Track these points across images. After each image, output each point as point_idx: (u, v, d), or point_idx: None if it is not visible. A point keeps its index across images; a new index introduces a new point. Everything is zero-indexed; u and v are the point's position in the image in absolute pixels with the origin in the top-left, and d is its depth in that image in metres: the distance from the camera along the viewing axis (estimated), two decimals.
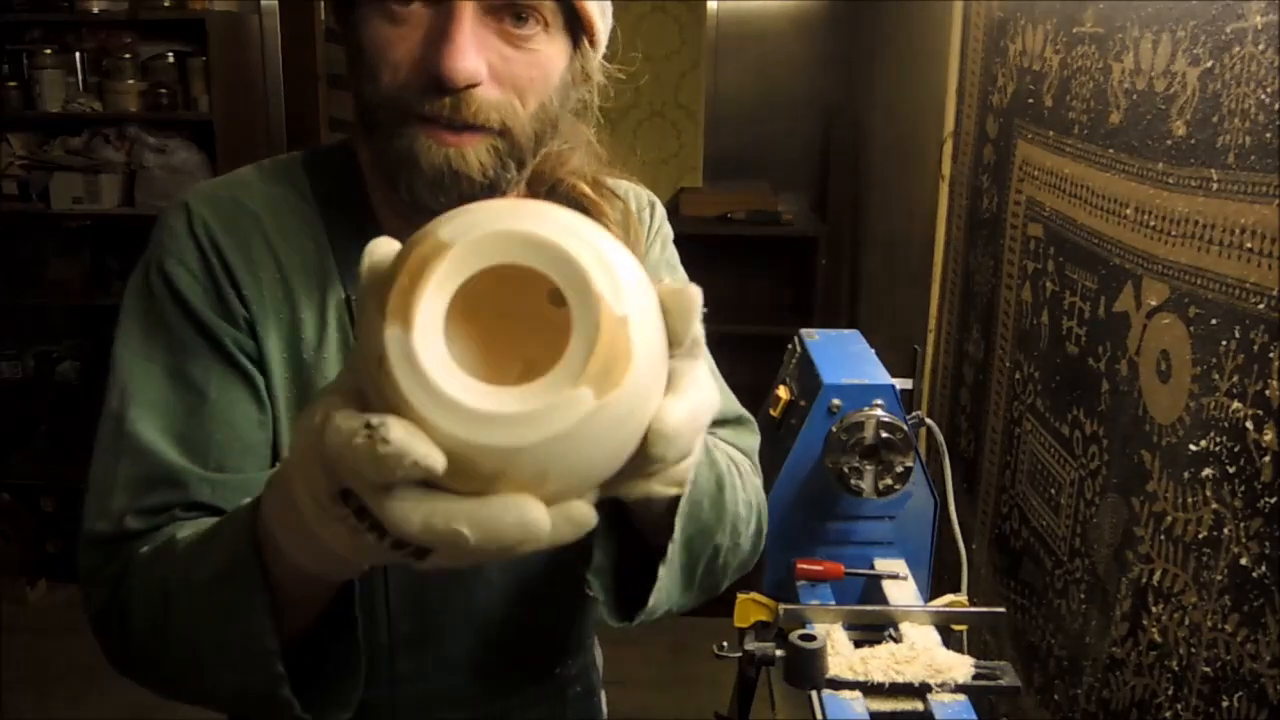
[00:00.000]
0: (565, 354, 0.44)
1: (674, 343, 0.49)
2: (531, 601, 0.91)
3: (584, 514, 0.47)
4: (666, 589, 0.80)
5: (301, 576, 0.61)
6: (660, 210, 0.99)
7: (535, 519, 0.45)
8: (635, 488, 0.50)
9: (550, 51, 0.76)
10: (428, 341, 0.44)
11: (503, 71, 0.74)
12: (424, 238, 0.47)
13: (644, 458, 0.47)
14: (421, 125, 0.74)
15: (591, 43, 0.80)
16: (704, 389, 0.50)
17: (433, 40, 0.72)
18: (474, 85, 0.72)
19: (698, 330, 0.50)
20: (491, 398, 0.44)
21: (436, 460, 0.43)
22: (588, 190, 0.89)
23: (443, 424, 0.44)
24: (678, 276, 0.97)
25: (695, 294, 0.50)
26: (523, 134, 0.76)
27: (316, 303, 0.82)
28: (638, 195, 0.97)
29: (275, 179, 0.85)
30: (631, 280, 0.47)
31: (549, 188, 0.88)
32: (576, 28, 0.78)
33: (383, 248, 0.50)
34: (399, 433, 0.43)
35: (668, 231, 0.99)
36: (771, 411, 1.23)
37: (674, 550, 0.74)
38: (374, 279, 0.49)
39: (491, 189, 0.76)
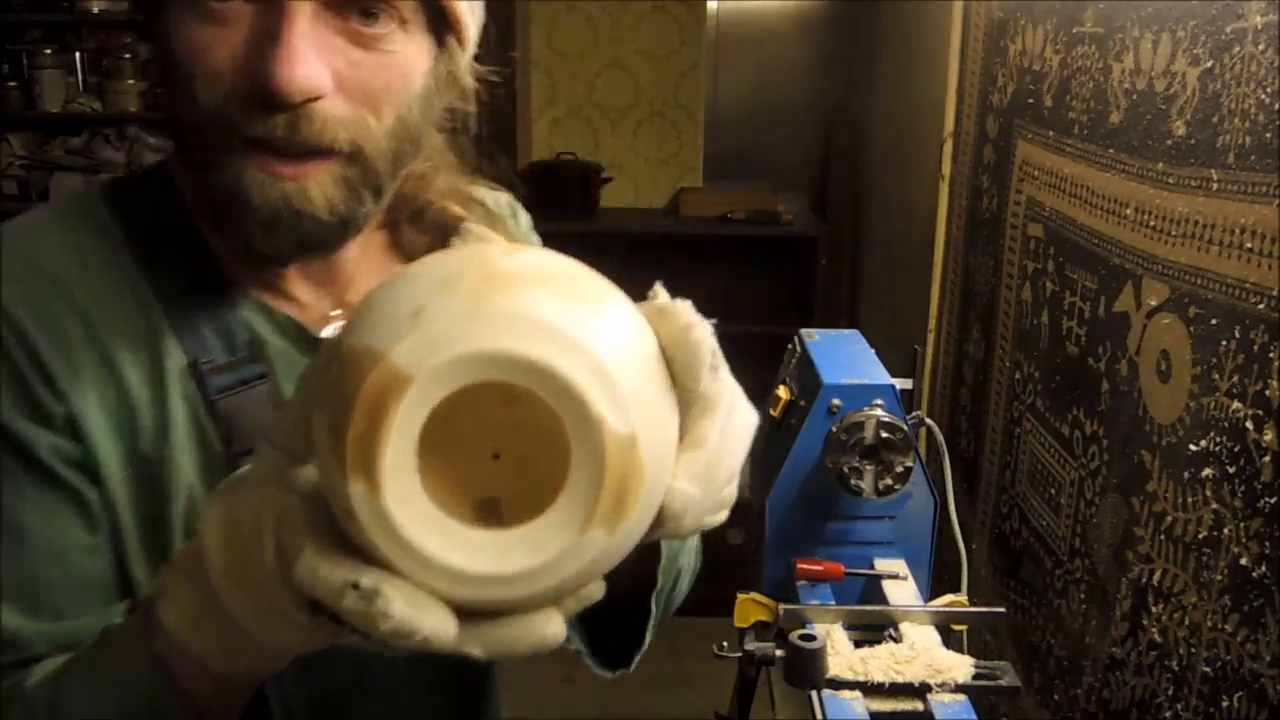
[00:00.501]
0: (567, 488, 0.38)
1: (684, 392, 0.43)
2: (443, 671, 0.82)
3: (594, 592, 0.42)
4: (651, 630, 0.77)
5: (226, 683, 0.53)
6: (525, 215, 0.90)
7: (554, 634, 0.41)
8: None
9: (409, 53, 0.63)
10: (402, 498, 0.38)
11: (351, 79, 0.61)
12: (372, 360, 0.38)
13: (659, 531, 0.43)
14: (250, 152, 0.60)
15: (459, 42, 0.68)
16: (728, 433, 0.45)
17: (259, 44, 0.58)
18: (314, 99, 0.59)
19: (710, 371, 0.44)
20: (489, 554, 0.38)
21: (448, 633, 0.39)
22: (459, 212, 0.77)
23: (440, 589, 0.39)
24: None
25: (704, 336, 0.43)
26: (378, 156, 0.63)
27: (151, 378, 0.66)
28: (496, 200, 0.87)
29: (75, 224, 0.67)
30: (630, 369, 0.40)
31: (414, 213, 0.76)
32: (440, 25, 0.66)
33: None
34: (401, 606, 0.38)
35: (536, 240, 0.89)
36: (771, 411, 1.23)
37: (658, 593, 0.71)
38: (319, 386, 0.41)
39: (343, 227, 0.64)
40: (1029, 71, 1.52)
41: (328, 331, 0.73)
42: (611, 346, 0.40)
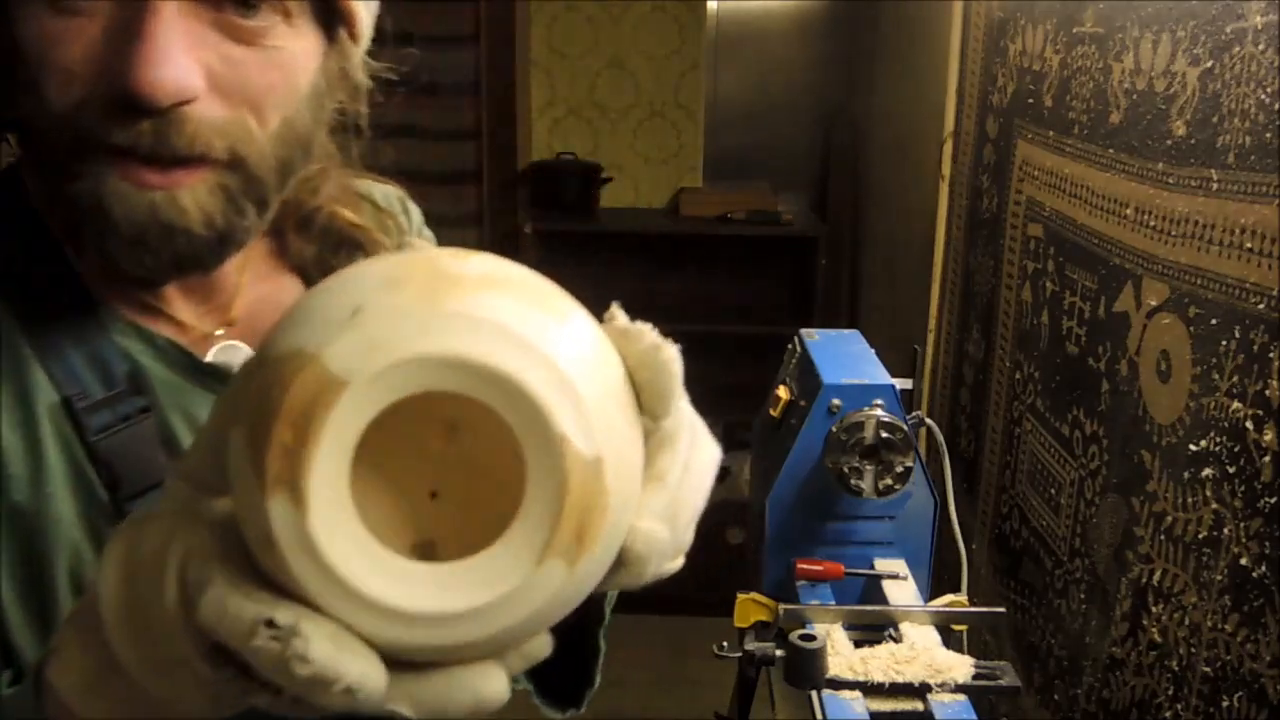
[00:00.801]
0: (522, 515, 0.33)
1: (650, 420, 0.38)
2: None
3: (541, 647, 0.37)
4: (599, 668, 0.74)
5: None
6: (415, 210, 0.83)
7: (494, 692, 0.36)
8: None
9: (295, 49, 0.56)
10: (330, 520, 0.33)
11: (228, 79, 0.53)
12: (299, 358, 0.33)
13: (618, 576, 0.38)
14: (112, 159, 0.52)
15: (352, 36, 0.61)
16: (693, 469, 0.40)
17: (119, 39, 0.50)
18: (185, 101, 0.52)
19: (679, 396, 0.39)
20: (428, 589, 0.33)
21: (376, 681, 0.33)
22: (352, 217, 0.71)
23: (369, 630, 0.33)
24: None
25: (673, 356, 0.38)
26: (261, 164, 0.56)
27: (18, 418, 0.57)
28: (385, 194, 0.80)
29: None
30: (596, 386, 0.35)
31: (300, 220, 0.69)
32: (330, 18, 0.59)
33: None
34: (321, 648, 0.32)
35: (429, 235, 0.80)
36: (771, 411, 1.23)
37: (606, 628, 0.66)
38: (238, 402, 0.36)
39: (221, 242, 0.57)
40: (1029, 71, 1.52)
41: (214, 354, 0.66)
42: (576, 360, 0.35)
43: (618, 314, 0.40)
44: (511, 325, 0.34)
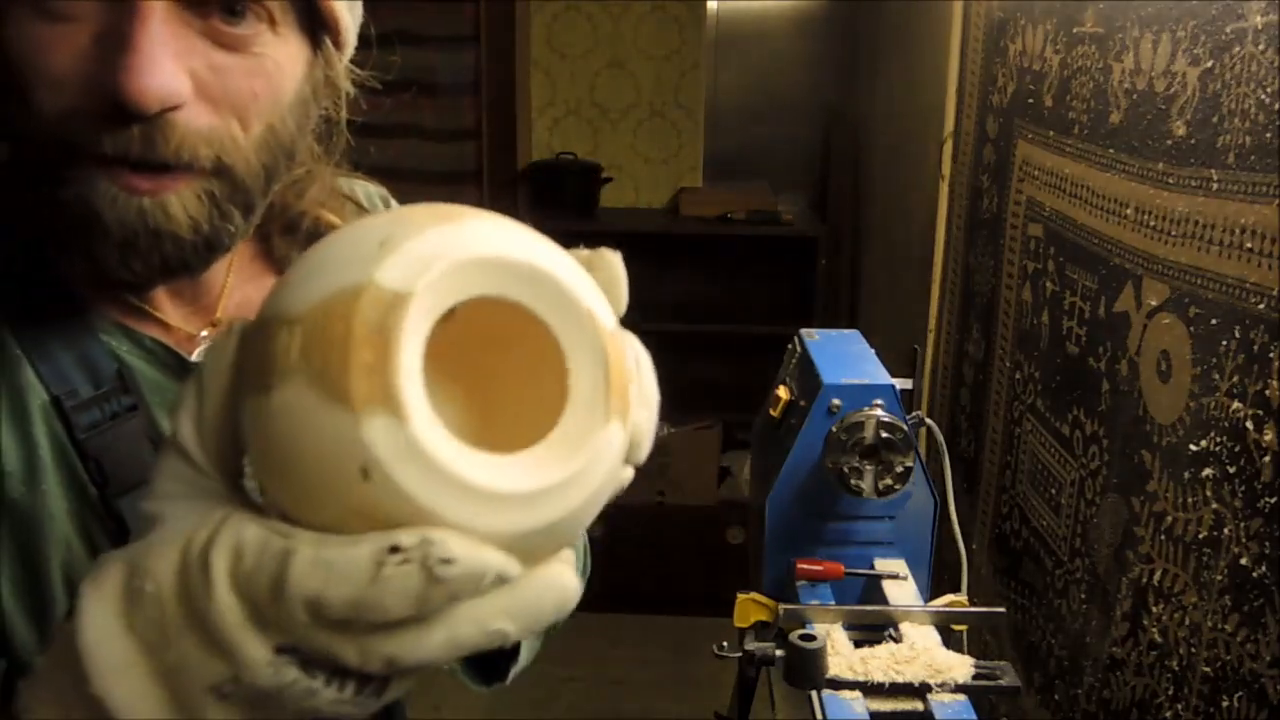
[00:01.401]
0: (573, 390, 0.36)
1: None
2: None
3: (570, 560, 0.38)
4: (530, 646, 0.73)
5: None
6: (395, 206, 0.82)
7: (573, 587, 0.37)
8: None
9: (280, 57, 0.57)
10: (429, 425, 0.34)
11: (214, 86, 0.54)
12: (355, 293, 0.35)
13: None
14: (99, 166, 0.53)
15: (336, 44, 0.62)
16: (643, 362, 0.42)
17: (108, 46, 0.51)
18: (173, 108, 0.52)
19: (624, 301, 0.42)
20: (527, 470, 0.35)
21: (514, 566, 0.34)
22: (335, 221, 0.71)
23: (483, 523, 0.34)
24: None
25: (617, 258, 0.42)
26: (246, 170, 0.57)
27: (11, 417, 0.59)
28: (368, 193, 0.81)
29: None
30: (591, 281, 0.39)
31: (286, 224, 0.70)
32: (315, 26, 0.60)
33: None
34: (460, 547, 0.33)
35: None
36: (771, 411, 1.23)
37: None
38: (249, 368, 0.37)
39: (208, 246, 0.58)
40: (1029, 71, 1.52)
41: (200, 353, 0.66)
42: (566, 256, 0.39)
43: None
44: (515, 234, 0.38)
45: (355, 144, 0.74)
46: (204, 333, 0.68)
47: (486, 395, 0.41)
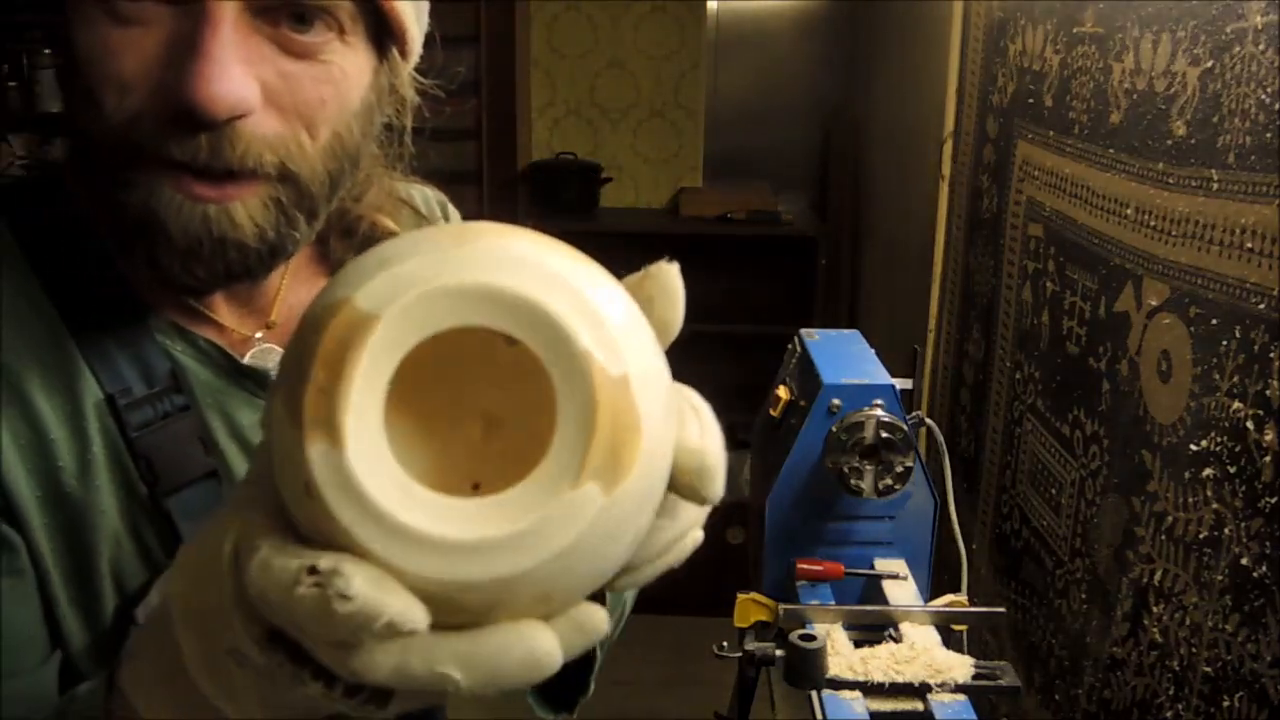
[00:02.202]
0: (555, 440, 0.33)
1: (666, 336, 0.39)
2: None
3: (597, 621, 0.36)
4: (594, 678, 0.73)
5: None
6: (454, 214, 0.84)
7: (546, 651, 0.34)
8: (648, 568, 0.38)
9: (347, 65, 0.57)
10: (368, 455, 0.33)
11: (282, 93, 0.54)
12: (334, 306, 0.34)
13: (679, 511, 0.38)
14: (165, 171, 0.53)
15: (402, 53, 0.62)
16: (704, 410, 0.39)
17: (179, 53, 0.51)
18: (241, 116, 0.52)
19: (680, 317, 0.40)
20: (467, 519, 0.33)
21: (418, 617, 0.33)
22: (392, 225, 0.72)
23: (410, 565, 0.33)
24: None
25: (674, 274, 0.39)
26: (312, 177, 0.57)
27: (67, 412, 0.59)
28: (425, 198, 0.82)
29: None
30: (618, 308, 0.35)
31: (344, 228, 0.70)
32: (383, 34, 0.60)
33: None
34: (362, 585, 0.32)
35: None
36: (771, 411, 1.23)
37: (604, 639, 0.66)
38: (281, 368, 0.36)
39: (272, 253, 0.58)
40: (1029, 71, 1.52)
41: (251, 356, 0.67)
42: (595, 286, 0.35)
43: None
44: (530, 258, 0.35)
45: (399, 147, 0.74)
46: (258, 335, 0.68)
47: (500, 426, 0.38)
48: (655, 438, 0.35)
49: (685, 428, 0.37)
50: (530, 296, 0.33)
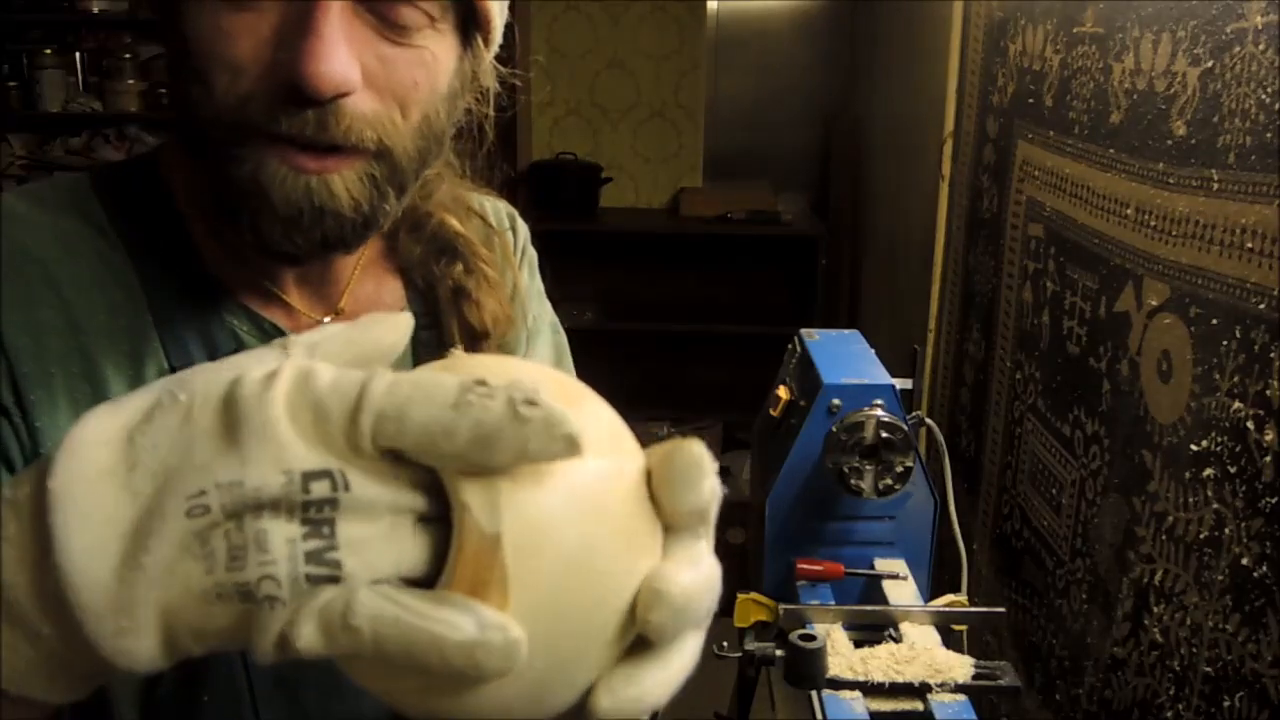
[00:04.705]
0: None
1: (669, 519, 0.37)
2: None
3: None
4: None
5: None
6: (523, 227, 0.86)
7: None
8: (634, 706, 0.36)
9: (438, 50, 0.61)
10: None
11: (380, 75, 0.58)
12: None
13: (638, 632, 0.36)
14: (271, 146, 0.57)
15: (485, 41, 0.67)
16: (704, 569, 0.37)
17: (290, 35, 0.55)
18: (345, 94, 0.56)
19: (706, 501, 0.37)
20: None
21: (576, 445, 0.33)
22: (458, 226, 0.75)
23: None
24: (545, 309, 0.85)
25: (697, 453, 0.36)
26: (404, 155, 0.61)
27: (128, 375, 0.62)
28: (496, 210, 0.84)
29: (62, 209, 0.64)
30: (540, 477, 0.34)
31: (414, 223, 0.74)
32: (469, 23, 0.64)
33: None
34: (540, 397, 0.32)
35: (533, 254, 0.85)
36: (771, 411, 1.23)
37: None
38: None
39: (365, 225, 0.61)
40: (1029, 71, 1.52)
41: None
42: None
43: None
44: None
45: (476, 158, 0.78)
46: (326, 319, 0.70)
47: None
48: (539, 599, 0.34)
49: (665, 565, 0.36)
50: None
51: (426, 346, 0.73)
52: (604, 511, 0.36)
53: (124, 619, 0.33)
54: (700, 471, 0.36)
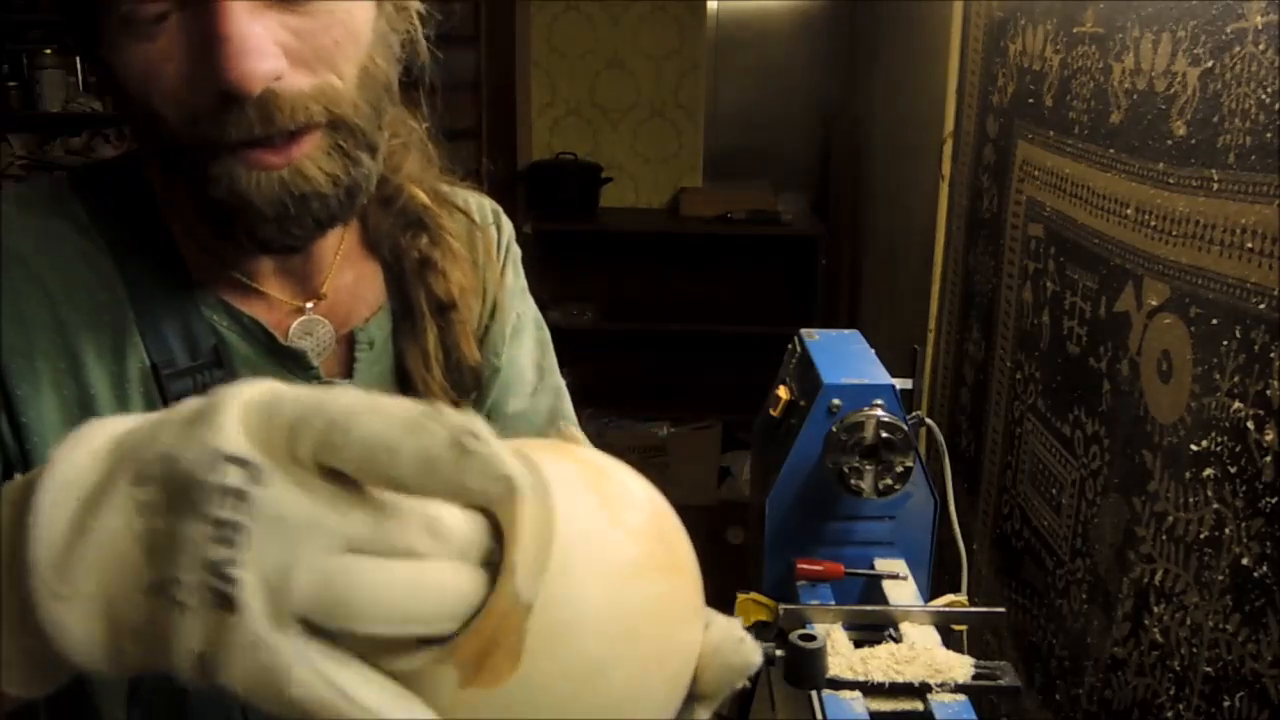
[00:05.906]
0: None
1: (702, 690, 0.41)
2: None
3: None
4: None
5: None
6: (508, 224, 0.85)
7: None
8: None
9: (349, 4, 0.60)
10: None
11: (302, 49, 0.58)
12: None
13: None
14: (232, 155, 0.57)
15: None
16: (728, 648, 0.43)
17: (201, 46, 0.55)
18: (275, 79, 0.56)
19: (738, 687, 0.41)
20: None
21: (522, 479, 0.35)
22: (427, 201, 0.76)
23: None
24: (529, 305, 0.85)
25: (750, 663, 0.42)
26: (357, 114, 0.61)
27: (113, 374, 0.64)
28: (480, 205, 0.83)
29: (43, 209, 0.65)
30: (598, 566, 0.36)
31: (384, 198, 0.74)
32: None
33: None
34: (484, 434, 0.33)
35: (517, 251, 0.85)
36: (771, 411, 1.23)
37: None
38: None
39: (349, 194, 0.62)
40: (1029, 71, 1.52)
41: (295, 328, 0.70)
42: (585, 537, 0.37)
43: None
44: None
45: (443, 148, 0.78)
46: (309, 305, 0.72)
47: None
48: (541, 684, 0.35)
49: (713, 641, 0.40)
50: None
51: (396, 318, 0.74)
52: (636, 636, 0.37)
53: (64, 584, 0.33)
54: (744, 675, 0.41)
